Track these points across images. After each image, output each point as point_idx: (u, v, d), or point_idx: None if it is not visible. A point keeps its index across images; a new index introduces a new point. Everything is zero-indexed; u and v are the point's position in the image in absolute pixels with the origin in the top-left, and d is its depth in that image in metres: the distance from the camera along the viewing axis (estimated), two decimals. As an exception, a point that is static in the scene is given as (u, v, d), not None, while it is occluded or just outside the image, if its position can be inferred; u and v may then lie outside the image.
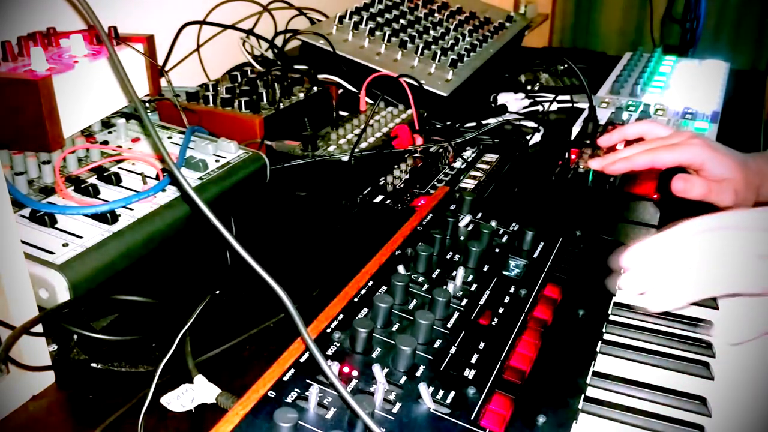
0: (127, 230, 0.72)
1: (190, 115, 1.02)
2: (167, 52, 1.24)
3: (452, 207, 0.83)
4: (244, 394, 0.54)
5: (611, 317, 0.71)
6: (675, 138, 0.84)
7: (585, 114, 1.17)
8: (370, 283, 0.68)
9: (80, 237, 0.70)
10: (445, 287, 0.69)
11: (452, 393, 0.56)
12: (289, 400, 0.54)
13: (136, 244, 0.72)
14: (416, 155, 1.06)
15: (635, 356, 0.65)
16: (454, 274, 0.70)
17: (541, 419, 0.56)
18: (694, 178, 0.82)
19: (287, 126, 1.07)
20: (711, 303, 0.72)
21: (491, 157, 1.09)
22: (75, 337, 0.65)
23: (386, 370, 0.57)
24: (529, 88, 1.39)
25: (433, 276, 0.71)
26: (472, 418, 0.54)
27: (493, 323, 0.65)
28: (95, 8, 0.71)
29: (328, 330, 0.61)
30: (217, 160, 0.87)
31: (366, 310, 0.64)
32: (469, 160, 1.07)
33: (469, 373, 0.59)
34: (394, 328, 0.63)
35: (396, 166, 1.01)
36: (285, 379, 0.56)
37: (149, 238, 0.74)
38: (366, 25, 1.39)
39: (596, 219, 0.92)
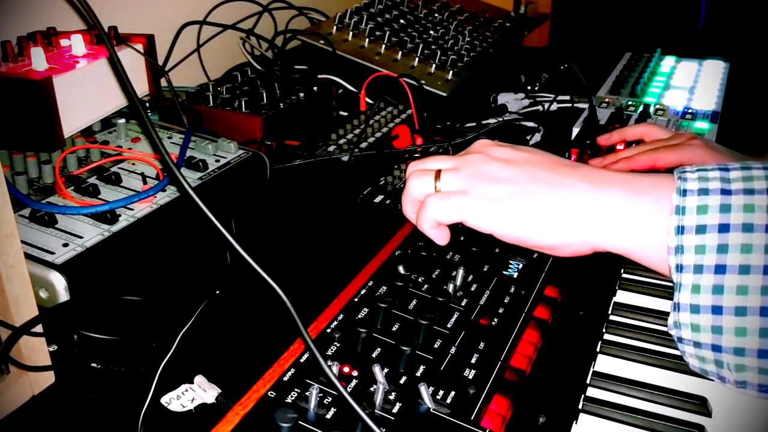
0: (127, 230, 0.72)
1: (191, 115, 1.02)
2: (167, 52, 1.24)
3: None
4: (244, 394, 0.54)
5: (611, 317, 0.71)
6: (675, 139, 0.85)
7: (585, 114, 1.17)
8: (370, 283, 0.68)
9: (80, 237, 0.70)
10: (445, 287, 0.69)
11: (452, 393, 0.56)
12: (289, 400, 0.54)
13: (136, 244, 0.72)
14: (416, 155, 1.06)
15: (635, 356, 0.65)
16: (454, 274, 0.70)
17: (541, 419, 0.56)
18: None
19: (287, 126, 1.07)
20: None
21: (491, 157, 1.08)
22: (75, 337, 0.65)
23: (386, 370, 0.57)
24: (529, 88, 1.39)
25: (433, 276, 0.71)
26: (472, 418, 0.54)
27: (493, 323, 0.65)
28: (95, 8, 0.71)
29: (328, 330, 0.61)
30: (217, 160, 0.87)
31: (366, 310, 0.64)
32: (469, 160, 1.07)
33: (469, 373, 0.59)
34: (394, 329, 0.63)
35: (396, 166, 1.01)
36: (285, 379, 0.56)
37: (149, 238, 0.74)
38: (366, 25, 1.39)
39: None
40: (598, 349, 0.66)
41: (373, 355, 0.59)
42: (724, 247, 0.41)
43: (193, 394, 0.59)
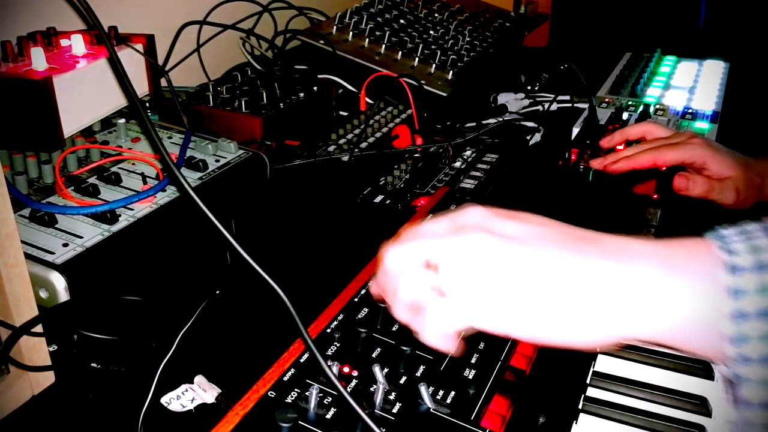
0: (127, 230, 0.72)
1: (191, 115, 1.02)
2: (167, 52, 1.24)
3: (452, 207, 0.83)
4: (244, 394, 0.54)
5: (611, 317, 0.70)
6: (676, 138, 0.85)
7: (585, 114, 1.17)
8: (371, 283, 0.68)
9: (80, 237, 0.70)
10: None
11: (452, 393, 0.56)
12: (289, 400, 0.54)
13: (136, 244, 0.72)
14: (416, 155, 1.06)
15: (635, 356, 0.65)
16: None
17: (541, 419, 0.56)
18: (697, 176, 0.82)
19: (287, 126, 1.07)
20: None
21: (491, 157, 1.09)
22: (75, 337, 0.65)
23: (386, 370, 0.57)
24: (529, 88, 1.39)
25: (433, 276, 0.71)
26: (472, 418, 0.54)
27: (493, 323, 0.65)
28: (95, 8, 0.71)
29: (328, 330, 0.61)
30: (217, 160, 0.87)
31: (366, 310, 0.64)
32: (469, 160, 1.07)
33: (469, 373, 0.59)
34: (394, 329, 0.63)
35: (396, 166, 1.01)
36: (285, 379, 0.56)
37: (149, 238, 0.74)
38: (366, 25, 1.39)
39: (596, 219, 0.92)
40: (598, 349, 0.66)
41: (373, 355, 0.59)
42: None
43: (193, 394, 0.59)
